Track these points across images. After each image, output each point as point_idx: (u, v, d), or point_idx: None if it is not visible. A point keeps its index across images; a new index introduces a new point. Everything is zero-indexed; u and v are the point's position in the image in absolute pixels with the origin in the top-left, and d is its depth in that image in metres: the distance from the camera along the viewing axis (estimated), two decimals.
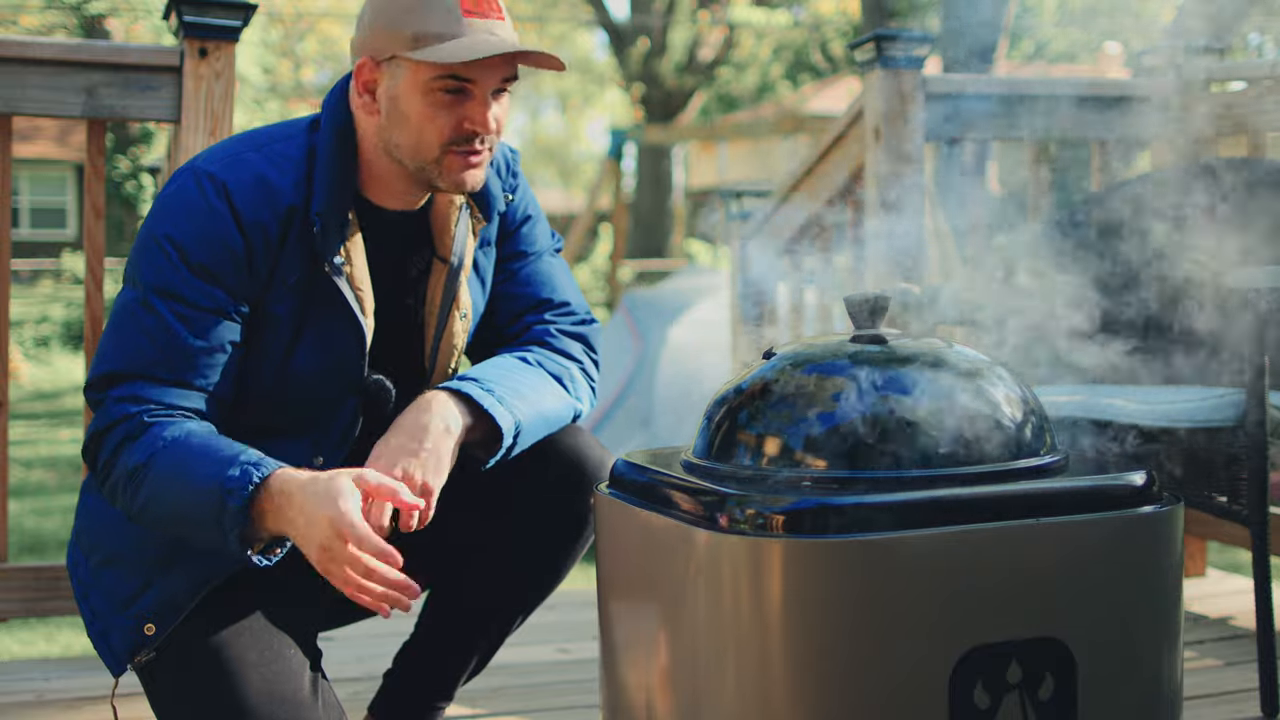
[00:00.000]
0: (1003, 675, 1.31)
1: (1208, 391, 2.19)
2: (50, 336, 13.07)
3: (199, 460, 1.49)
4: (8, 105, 2.44)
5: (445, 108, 1.58)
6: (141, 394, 1.54)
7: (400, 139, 1.60)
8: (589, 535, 1.81)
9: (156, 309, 1.55)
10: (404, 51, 1.56)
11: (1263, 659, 2.08)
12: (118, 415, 1.54)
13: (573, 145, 34.62)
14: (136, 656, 1.60)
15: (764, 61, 23.33)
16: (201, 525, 1.49)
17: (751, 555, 1.28)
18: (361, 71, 1.61)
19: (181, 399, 1.55)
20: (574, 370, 1.81)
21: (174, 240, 1.56)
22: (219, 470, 1.48)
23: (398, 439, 1.60)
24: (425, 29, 1.55)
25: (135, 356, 1.55)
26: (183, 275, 1.56)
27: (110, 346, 1.57)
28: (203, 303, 1.56)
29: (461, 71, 1.56)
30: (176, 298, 1.55)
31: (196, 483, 1.48)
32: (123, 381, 1.55)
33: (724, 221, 4.14)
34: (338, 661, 2.52)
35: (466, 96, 1.58)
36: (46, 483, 6.90)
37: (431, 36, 1.55)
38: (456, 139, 1.59)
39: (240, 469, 1.47)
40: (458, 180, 1.62)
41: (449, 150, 1.59)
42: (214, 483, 1.47)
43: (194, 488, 1.48)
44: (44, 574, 2.51)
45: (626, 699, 1.49)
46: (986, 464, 1.36)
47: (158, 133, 15.20)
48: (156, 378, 1.55)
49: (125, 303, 1.58)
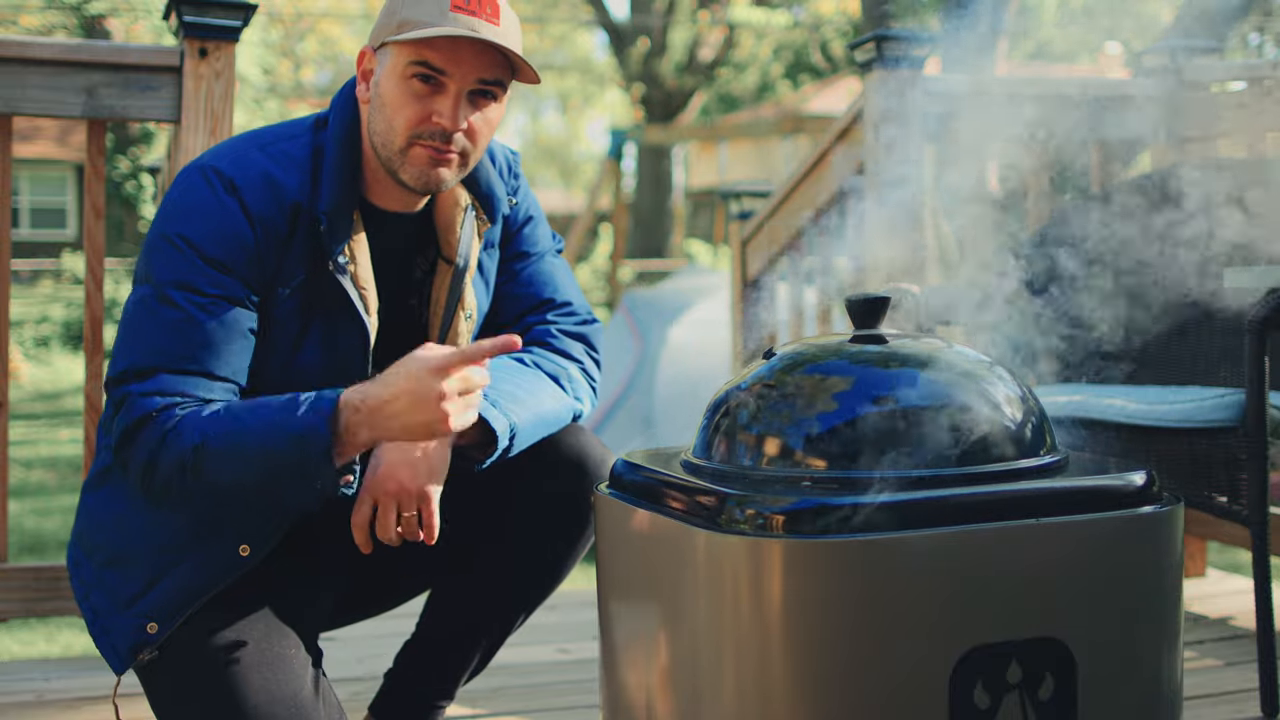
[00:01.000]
0: (1003, 675, 1.31)
1: (1207, 391, 2.19)
2: (50, 336, 13.07)
3: (259, 422, 1.49)
4: (8, 105, 2.44)
5: (417, 97, 1.58)
6: (167, 387, 1.52)
7: (377, 124, 1.62)
8: (590, 535, 1.81)
9: (175, 301, 1.55)
10: (389, 37, 1.58)
11: (1263, 659, 2.08)
12: (147, 409, 1.51)
13: (573, 145, 34.63)
14: (139, 655, 1.60)
15: (764, 61, 23.33)
16: (285, 478, 1.48)
17: (751, 555, 1.28)
18: (362, 60, 1.64)
19: (206, 389, 1.55)
20: (573, 370, 1.81)
21: (186, 237, 1.56)
22: (285, 419, 1.47)
23: (391, 448, 1.60)
24: (410, 16, 1.56)
25: (156, 349, 1.54)
26: (198, 268, 1.55)
27: (129, 342, 1.56)
28: (219, 293, 1.56)
29: (435, 61, 1.56)
30: (194, 289, 1.55)
31: (270, 441, 1.47)
32: (147, 376, 1.53)
33: (724, 221, 4.14)
34: (338, 661, 2.52)
35: (440, 89, 1.58)
36: (46, 483, 6.91)
37: (413, 24, 1.56)
38: (422, 131, 1.59)
39: (307, 408, 1.48)
40: (419, 174, 1.61)
41: (415, 141, 1.59)
42: (288, 432, 1.46)
43: (268, 447, 1.47)
44: (44, 574, 2.51)
45: (626, 699, 1.49)
46: (987, 464, 1.36)
47: (158, 133, 15.20)
48: (180, 369, 1.53)
49: (140, 299, 1.57)
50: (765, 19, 21.79)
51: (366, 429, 1.49)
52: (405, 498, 1.59)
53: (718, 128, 18.12)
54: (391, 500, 1.59)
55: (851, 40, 3.56)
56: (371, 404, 1.48)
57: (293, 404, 1.49)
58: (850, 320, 1.52)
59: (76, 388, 10.66)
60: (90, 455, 2.47)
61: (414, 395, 1.47)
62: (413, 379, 1.47)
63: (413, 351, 1.51)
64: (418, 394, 1.47)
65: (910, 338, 1.49)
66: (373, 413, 1.48)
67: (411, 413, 1.48)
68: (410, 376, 1.47)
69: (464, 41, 1.55)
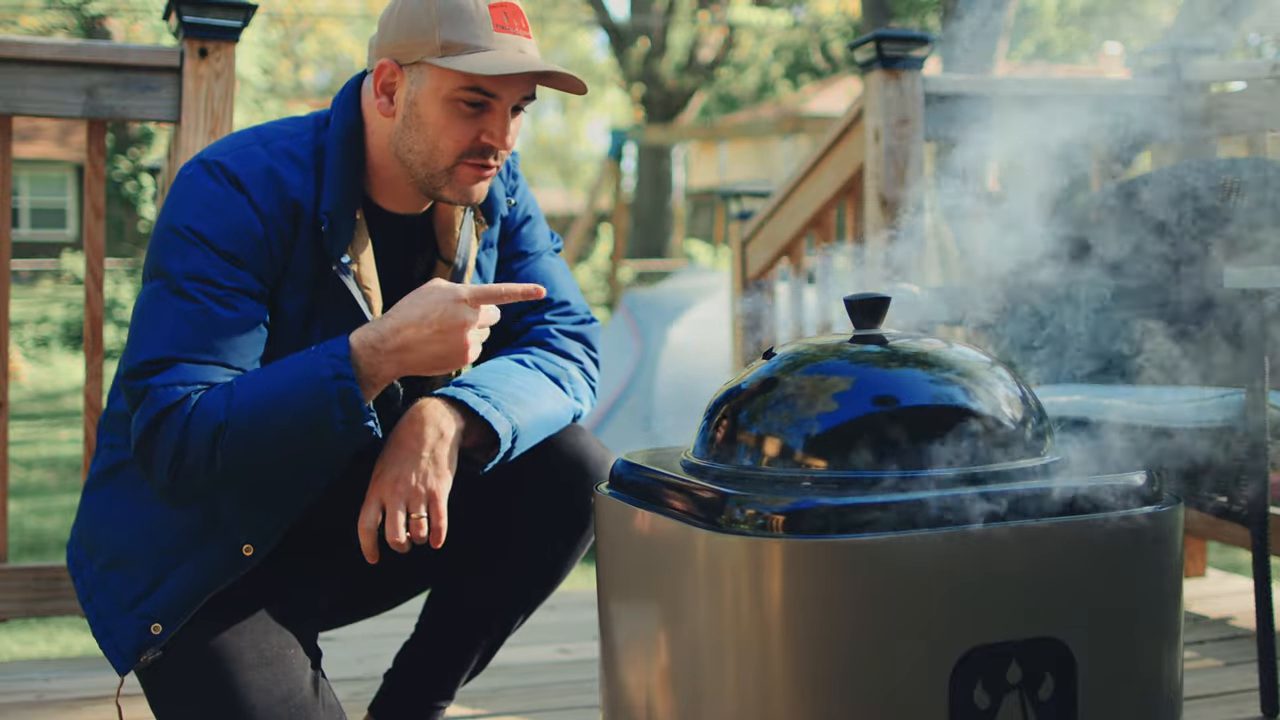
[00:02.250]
0: (1003, 675, 1.31)
1: (1208, 392, 2.19)
2: (50, 337, 13.07)
3: (275, 384, 1.50)
4: (8, 105, 2.44)
5: (465, 119, 1.58)
6: (187, 377, 1.51)
7: (415, 144, 1.60)
8: (590, 535, 1.81)
9: (190, 293, 1.53)
10: (431, 58, 1.56)
11: (1263, 659, 2.08)
12: (170, 400, 1.50)
13: (573, 145, 34.61)
14: (142, 656, 1.60)
15: (764, 62, 23.34)
16: (315, 434, 1.50)
17: (751, 555, 1.28)
18: (382, 73, 1.61)
19: (223, 377, 1.53)
20: (573, 370, 1.81)
21: (197, 230, 1.55)
22: (306, 371, 1.50)
23: (396, 451, 1.60)
24: (456, 38, 1.55)
25: (174, 339, 1.53)
26: (212, 260, 1.55)
27: (145, 335, 1.54)
28: (234, 285, 1.55)
29: (486, 85, 1.56)
30: (209, 281, 1.54)
31: (293, 397, 1.49)
32: (166, 367, 1.52)
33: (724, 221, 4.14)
34: (338, 661, 2.52)
35: (487, 110, 1.58)
36: (46, 483, 6.91)
37: (461, 46, 1.55)
38: (472, 151, 1.59)
39: (324, 355, 1.51)
40: (465, 192, 1.62)
41: (463, 161, 1.60)
42: (313, 379, 1.49)
43: (293, 403, 1.49)
44: (44, 574, 2.51)
45: (626, 699, 1.49)
46: (987, 464, 1.36)
47: (158, 133, 15.19)
48: (197, 359, 1.52)
49: (154, 292, 1.56)
50: (765, 19, 21.80)
51: (391, 363, 1.53)
52: (414, 499, 1.58)
53: (718, 128, 18.12)
54: (400, 501, 1.58)
55: (851, 40, 3.56)
56: (391, 338, 1.52)
57: (306, 358, 1.52)
58: (850, 320, 1.52)
59: (76, 388, 10.66)
60: (90, 455, 2.47)
61: (441, 323, 1.52)
62: (440, 306, 1.52)
63: (430, 282, 1.55)
64: (444, 321, 1.52)
65: (910, 338, 1.49)
66: (395, 347, 1.52)
67: (437, 341, 1.52)
68: (437, 305, 1.52)
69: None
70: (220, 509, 1.60)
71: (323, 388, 1.49)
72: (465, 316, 1.53)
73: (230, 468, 1.50)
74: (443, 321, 1.52)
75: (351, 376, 1.49)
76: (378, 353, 1.52)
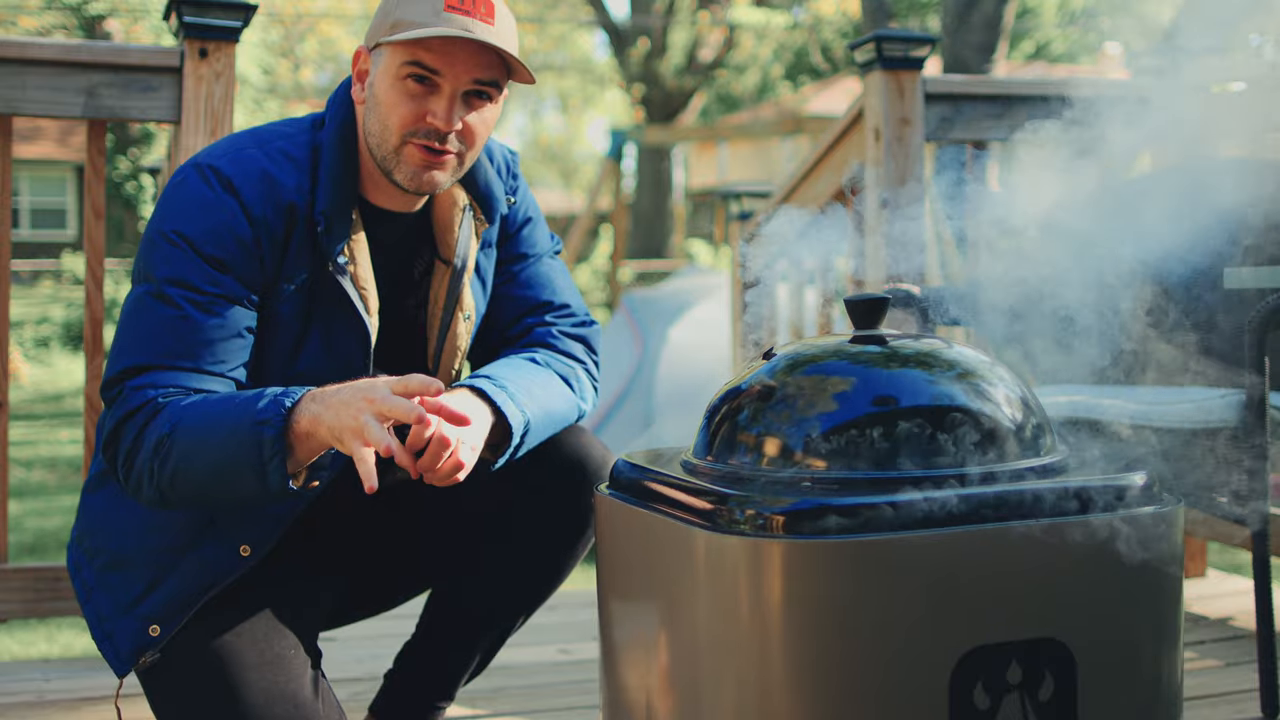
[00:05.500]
0: (1003, 675, 1.31)
1: (1207, 392, 2.19)
2: (50, 337, 13.07)
3: (223, 410, 1.47)
4: (8, 105, 2.44)
5: (411, 97, 1.58)
6: (160, 380, 1.52)
7: (372, 125, 1.62)
8: (590, 535, 1.81)
9: (172, 299, 1.54)
10: (384, 37, 1.58)
11: (1263, 659, 2.08)
12: (137, 402, 1.51)
13: (573, 146, 34.64)
14: (141, 658, 1.60)
15: (764, 62, 23.34)
16: (239, 470, 1.45)
17: (751, 555, 1.28)
18: (357, 60, 1.65)
19: (200, 383, 1.54)
20: (579, 371, 1.82)
21: (183, 234, 1.56)
22: (247, 409, 1.45)
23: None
24: (405, 17, 1.57)
25: (152, 347, 1.53)
26: (196, 265, 1.55)
27: (125, 342, 1.55)
28: (217, 291, 1.55)
29: (428, 61, 1.56)
30: (191, 287, 1.54)
31: (227, 428, 1.45)
32: (141, 373, 1.53)
33: (724, 221, 4.15)
34: (338, 661, 2.52)
35: (434, 90, 1.58)
36: (46, 483, 6.91)
37: (407, 24, 1.56)
38: (417, 131, 1.59)
39: (268, 400, 1.45)
40: (413, 174, 1.60)
41: (409, 141, 1.59)
42: (245, 420, 1.44)
43: (225, 433, 1.45)
44: (44, 575, 2.51)
45: (627, 699, 1.49)
46: (987, 464, 1.36)
47: (158, 133, 15.21)
48: (175, 366, 1.53)
49: (138, 297, 1.57)
50: (765, 20, 21.80)
51: (307, 436, 1.45)
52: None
53: (718, 128, 18.14)
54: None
55: (851, 40, 3.56)
56: (313, 414, 1.44)
57: (257, 396, 1.47)
58: (850, 320, 1.52)
59: (76, 388, 10.67)
60: (90, 456, 2.48)
61: (351, 393, 1.43)
62: (351, 388, 1.44)
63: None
64: (351, 396, 1.42)
65: (910, 338, 1.49)
66: (314, 422, 1.43)
67: (336, 427, 1.42)
68: (353, 387, 1.44)
69: (458, 41, 1.55)
70: (185, 507, 1.59)
71: (252, 427, 1.44)
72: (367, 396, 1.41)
73: (169, 480, 1.49)
74: (351, 394, 1.42)
75: (277, 424, 1.43)
76: (315, 404, 1.44)
